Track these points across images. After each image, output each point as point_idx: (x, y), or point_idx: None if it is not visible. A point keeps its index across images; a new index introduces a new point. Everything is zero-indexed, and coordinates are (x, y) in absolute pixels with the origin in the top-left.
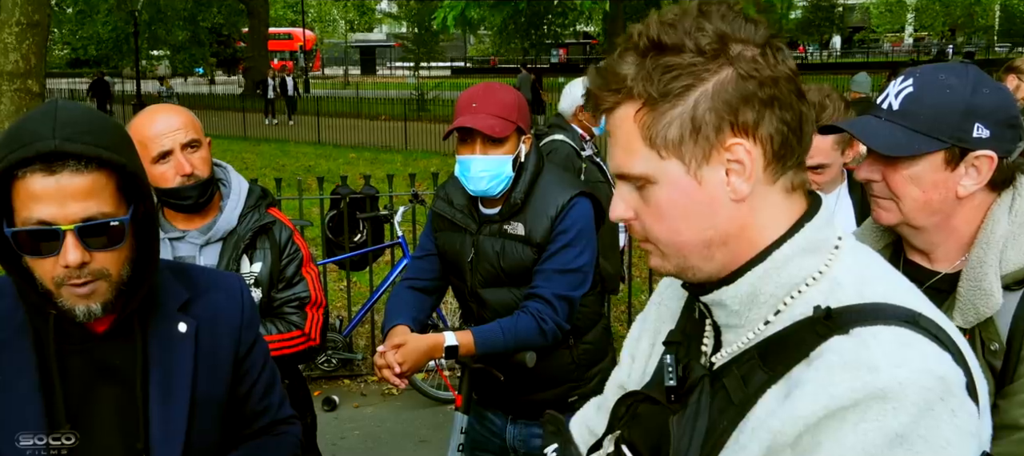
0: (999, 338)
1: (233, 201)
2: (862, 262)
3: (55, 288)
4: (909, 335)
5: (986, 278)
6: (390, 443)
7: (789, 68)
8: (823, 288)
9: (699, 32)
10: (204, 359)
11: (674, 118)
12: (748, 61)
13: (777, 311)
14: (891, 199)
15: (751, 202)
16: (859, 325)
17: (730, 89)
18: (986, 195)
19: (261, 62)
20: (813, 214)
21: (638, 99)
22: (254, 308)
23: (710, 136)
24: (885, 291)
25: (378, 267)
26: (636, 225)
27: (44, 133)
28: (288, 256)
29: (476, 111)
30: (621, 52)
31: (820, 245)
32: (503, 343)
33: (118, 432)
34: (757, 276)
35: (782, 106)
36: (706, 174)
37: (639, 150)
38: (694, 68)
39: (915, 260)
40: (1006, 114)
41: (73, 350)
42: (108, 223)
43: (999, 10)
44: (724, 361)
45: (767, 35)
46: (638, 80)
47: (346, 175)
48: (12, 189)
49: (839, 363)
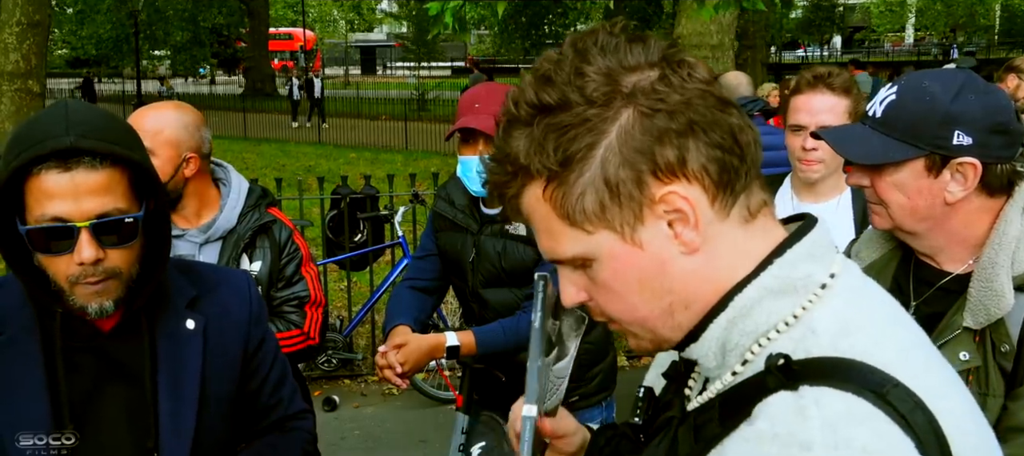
0: (1010, 340)
1: (233, 200)
2: (855, 307)
3: (69, 286)
4: (865, 409)
5: (997, 279)
6: (390, 443)
7: (700, 81)
8: (795, 335)
9: (581, 78)
10: (213, 356)
11: (586, 186)
12: (647, 92)
13: (745, 361)
14: (881, 204)
15: (707, 249)
16: (810, 383)
17: (637, 133)
18: (986, 200)
19: (261, 62)
20: (787, 247)
21: (539, 176)
22: (262, 304)
23: (633, 193)
24: (867, 345)
25: (378, 267)
26: (593, 306)
27: (58, 131)
28: (288, 255)
29: (479, 111)
30: (505, 129)
31: (796, 285)
32: (504, 343)
33: (128, 430)
34: (721, 328)
35: (706, 129)
36: (645, 235)
37: (562, 231)
38: (589, 122)
39: (925, 261)
40: (991, 121)
41: (81, 348)
42: (123, 219)
43: (1000, 10)
44: (694, 408)
45: (661, 52)
46: (532, 155)
47: (346, 175)
48: (24, 187)
49: (769, 433)
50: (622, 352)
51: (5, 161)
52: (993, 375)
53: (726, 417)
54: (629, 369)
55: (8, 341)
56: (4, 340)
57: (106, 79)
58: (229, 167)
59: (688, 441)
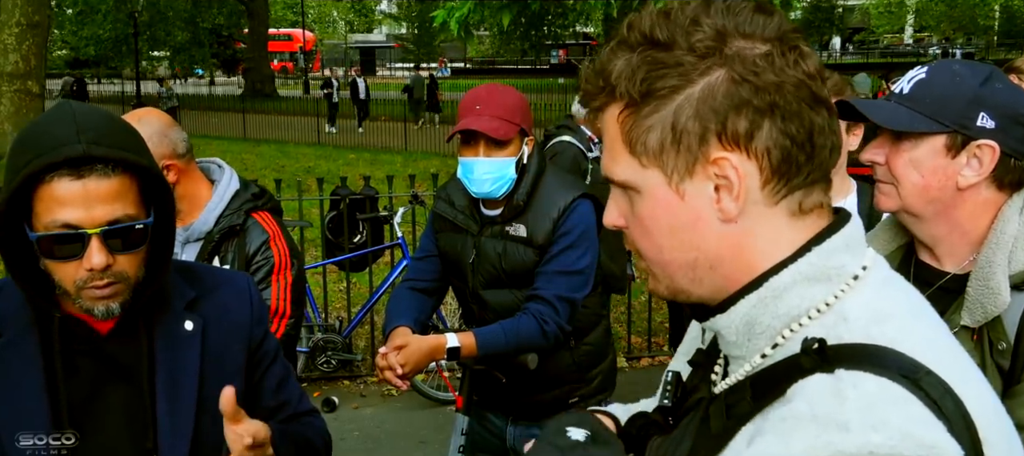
0: (1007, 337)
1: (214, 202)
2: (885, 297)
3: (75, 290)
4: (898, 392)
5: (994, 277)
6: (390, 444)
7: (804, 71)
8: (827, 322)
9: (694, 26)
10: (212, 357)
11: (655, 123)
12: (746, 62)
13: (775, 344)
14: (891, 183)
15: (744, 224)
16: (846, 367)
17: (719, 94)
18: (994, 194)
19: (261, 63)
20: (825, 237)
21: (621, 100)
22: (263, 306)
23: (693, 147)
24: (896, 334)
25: (378, 268)
26: (628, 234)
27: (69, 138)
28: (257, 262)
29: (480, 113)
30: (614, 47)
31: (830, 273)
32: (505, 344)
33: (126, 430)
34: (751, 305)
35: (785, 116)
36: (689, 189)
37: (621, 155)
38: (682, 68)
39: (926, 261)
40: (1016, 110)
41: (81, 350)
42: (133, 226)
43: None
44: (723, 389)
45: (780, 30)
46: (622, 79)
47: (346, 176)
48: (34, 193)
49: (808, 413)
50: (621, 353)
51: (13, 167)
52: (990, 373)
53: (759, 396)
54: (629, 370)
55: (7, 343)
56: (3, 342)
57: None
58: (227, 169)
59: (720, 418)
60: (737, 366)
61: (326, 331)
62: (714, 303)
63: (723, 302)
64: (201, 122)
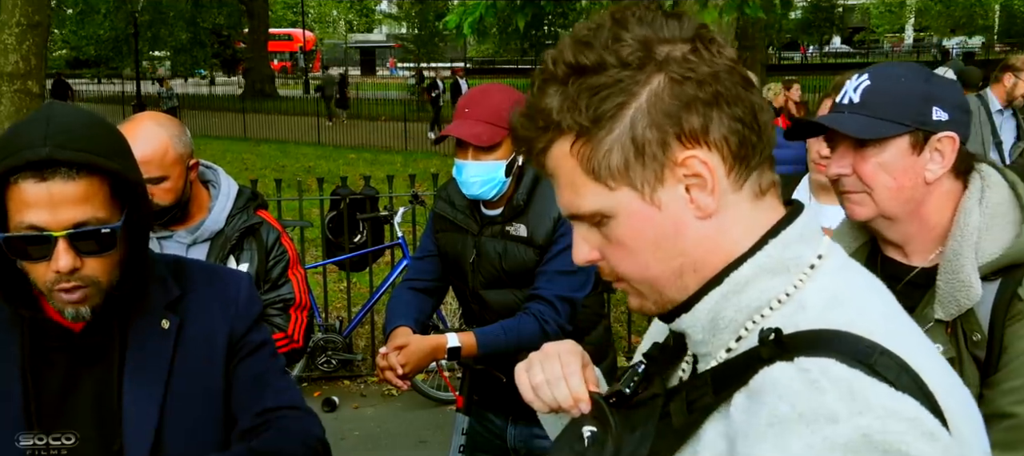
0: (981, 328)
1: (221, 202)
2: (840, 281)
3: (48, 291)
4: (857, 376)
5: (963, 270)
6: (390, 444)
7: (728, 58)
8: (786, 311)
9: (618, 43)
10: (186, 353)
11: (613, 144)
12: (679, 62)
13: (739, 337)
14: (864, 192)
15: (719, 216)
16: (805, 354)
17: (666, 97)
18: (952, 183)
19: (261, 63)
20: (781, 229)
21: (569, 132)
22: (252, 303)
23: (657, 155)
24: (852, 317)
25: (378, 268)
26: (604, 265)
27: (35, 140)
28: (274, 258)
29: (466, 117)
30: (540, 86)
31: (788, 264)
32: (505, 344)
33: (94, 428)
34: (714, 301)
35: (730, 102)
36: (664, 196)
37: (585, 186)
38: (622, 83)
39: (892, 257)
40: (960, 99)
41: (55, 347)
42: (99, 230)
43: (999, 10)
44: (684, 382)
45: (695, 29)
46: (565, 112)
47: (346, 176)
48: (7, 194)
49: (793, 414)
50: (622, 353)
51: None
52: (967, 365)
53: (720, 389)
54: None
55: None
56: None
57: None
58: (218, 169)
59: (681, 413)
60: (704, 364)
61: (326, 331)
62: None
63: (686, 301)
64: (201, 122)
